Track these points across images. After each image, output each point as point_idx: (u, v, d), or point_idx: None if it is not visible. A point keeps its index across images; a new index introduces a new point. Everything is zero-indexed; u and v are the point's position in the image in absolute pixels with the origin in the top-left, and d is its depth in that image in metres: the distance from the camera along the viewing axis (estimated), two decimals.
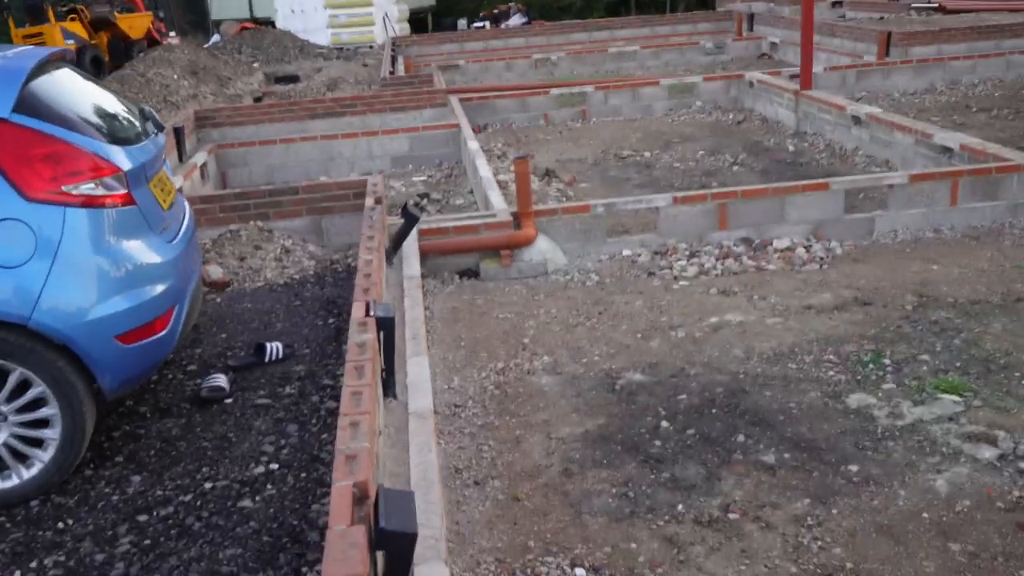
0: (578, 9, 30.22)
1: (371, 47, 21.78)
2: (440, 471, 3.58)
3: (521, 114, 12.73)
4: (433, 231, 6.47)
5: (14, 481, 3.48)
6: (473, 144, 9.28)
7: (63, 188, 3.39)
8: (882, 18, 18.99)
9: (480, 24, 25.34)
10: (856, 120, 9.58)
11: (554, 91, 12.86)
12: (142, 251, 3.65)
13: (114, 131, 3.76)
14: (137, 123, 4.08)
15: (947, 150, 7.87)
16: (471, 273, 6.59)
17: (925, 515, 3.53)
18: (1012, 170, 6.93)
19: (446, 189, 9.48)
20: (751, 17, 19.64)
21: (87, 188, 3.44)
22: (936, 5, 19.13)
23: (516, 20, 25.69)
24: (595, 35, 20.40)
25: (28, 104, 3.48)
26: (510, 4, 27.79)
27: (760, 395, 4.54)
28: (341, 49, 21.05)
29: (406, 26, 23.85)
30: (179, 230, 4.16)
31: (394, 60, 17.97)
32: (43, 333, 3.35)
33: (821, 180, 7.01)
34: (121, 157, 3.62)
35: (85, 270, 3.43)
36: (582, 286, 6.28)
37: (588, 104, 12.70)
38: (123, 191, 3.56)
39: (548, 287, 6.29)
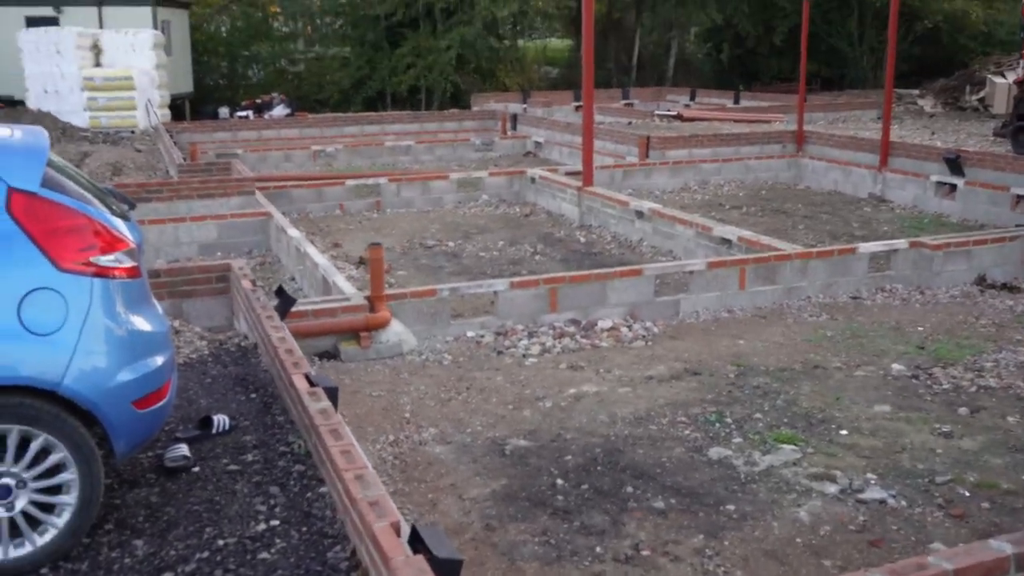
0: (335, 103, 30.87)
1: (132, 132, 21.24)
2: None
3: (317, 204, 13.05)
4: (293, 314, 6.72)
5: (27, 549, 3.49)
6: (294, 232, 9.54)
7: (91, 259, 3.55)
8: (630, 123, 21.07)
9: (243, 113, 25.30)
10: (639, 214, 10.77)
11: (349, 182, 13.32)
12: (149, 320, 3.85)
13: (110, 206, 3.93)
14: (117, 200, 4.25)
15: (726, 241, 9.11)
16: (329, 355, 6.87)
17: (798, 540, 4.30)
18: (786, 259, 8.20)
19: (263, 277, 9.62)
20: (514, 117, 21.11)
21: (108, 260, 3.62)
22: (676, 113, 21.50)
23: (280, 111, 25.89)
24: (367, 128, 21.09)
25: (50, 179, 3.65)
26: (272, 95, 27.99)
27: (634, 453, 5.21)
28: (108, 133, 20.38)
29: (167, 112, 23.44)
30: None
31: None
32: (71, 399, 3.48)
33: (635, 267, 7.94)
34: (126, 231, 3.81)
35: (109, 338, 3.60)
36: (440, 364, 6.75)
37: (382, 195, 13.25)
38: (134, 263, 3.75)
39: (408, 366, 6.71)
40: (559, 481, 4.89)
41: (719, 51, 37.28)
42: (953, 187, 12.38)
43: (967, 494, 4.69)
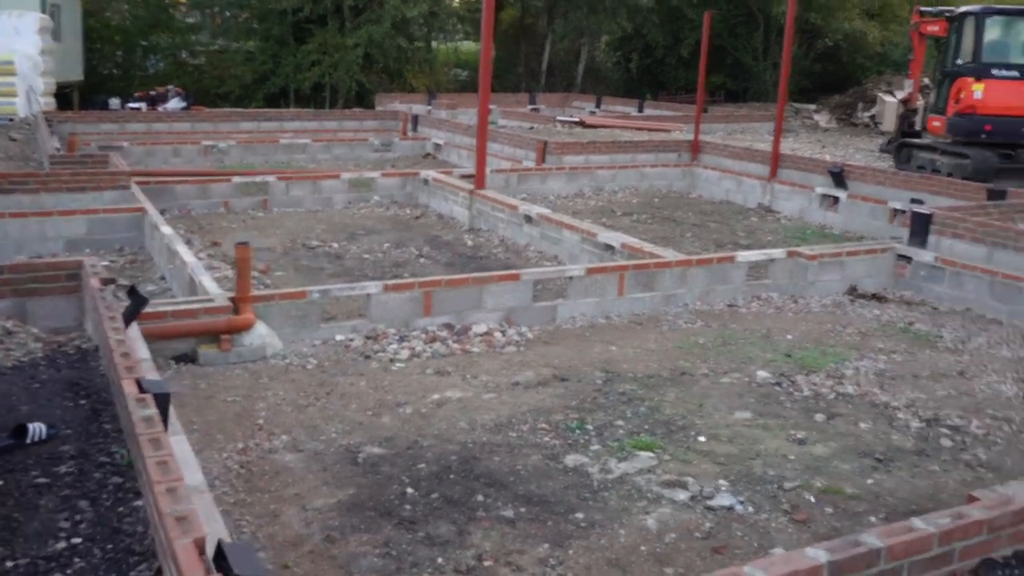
0: (236, 97, 30.21)
1: (11, 120, 20.35)
2: None
3: (201, 201, 12.66)
4: (150, 315, 6.42)
5: None
6: (166, 229, 9.20)
7: None
8: (532, 128, 21.09)
9: (136, 105, 24.50)
10: (528, 219, 10.71)
11: (236, 179, 12.96)
12: None
13: None
14: None
15: (610, 248, 9.11)
16: (187, 359, 6.60)
17: (643, 548, 4.24)
18: (665, 266, 8.22)
19: (132, 275, 9.26)
20: (415, 118, 20.92)
21: None
22: (578, 120, 21.60)
23: (175, 103, 25.17)
24: (264, 125, 20.63)
25: None
26: (168, 87, 27.20)
27: (490, 460, 5.10)
28: None
29: (52, 100, 22.51)
30: None
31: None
32: None
33: (513, 272, 7.86)
34: None
35: None
36: (303, 369, 6.55)
37: (270, 194, 12.92)
38: None
39: (270, 371, 6.49)
40: (409, 490, 4.75)
41: (628, 60, 37.79)
42: (836, 199, 12.66)
43: (813, 500, 4.71)
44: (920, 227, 9.30)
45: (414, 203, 13.56)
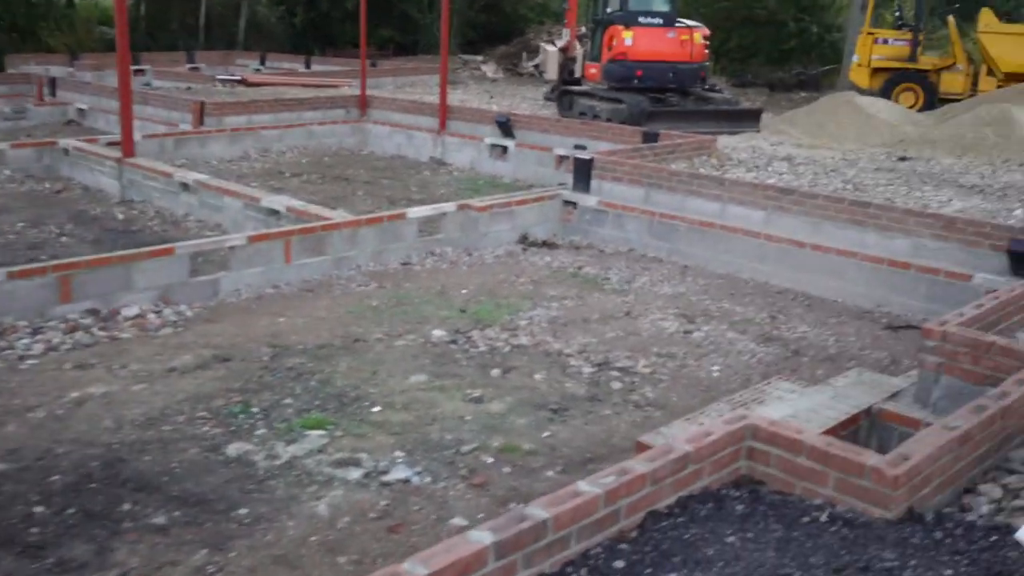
0: None
1: None
2: None
3: None
4: None
5: None
6: None
7: None
8: (189, 88, 19.70)
9: None
10: (185, 186, 9.87)
11: None
12: None
13: None
14: None
15: (275, 212, 8.56)
16: None
17: (313, 538, 3.90)
18: (334, 228, 7.82)
19: None
20: (52, 81, 18.83)
21: None
22: (240, 78, 20.45)
23: None
24: None
25: None
26: None
27: (140, 461, 4.52)
28: None
29: None
30: None
31: None
32: None
33: (167, 246, 7.13)
34: None
35: None
36: None
37: None
38: None
39: None
40: (39, 509, 4.08)
41: (293, 15, 36.43)
42: (505, 149, 12.83)
43: (491, 460, 4.58)
44: (582, 172, 9.56)
45: (55, 176, 12.13)
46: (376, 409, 5.12)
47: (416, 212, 8.51)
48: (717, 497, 3.15)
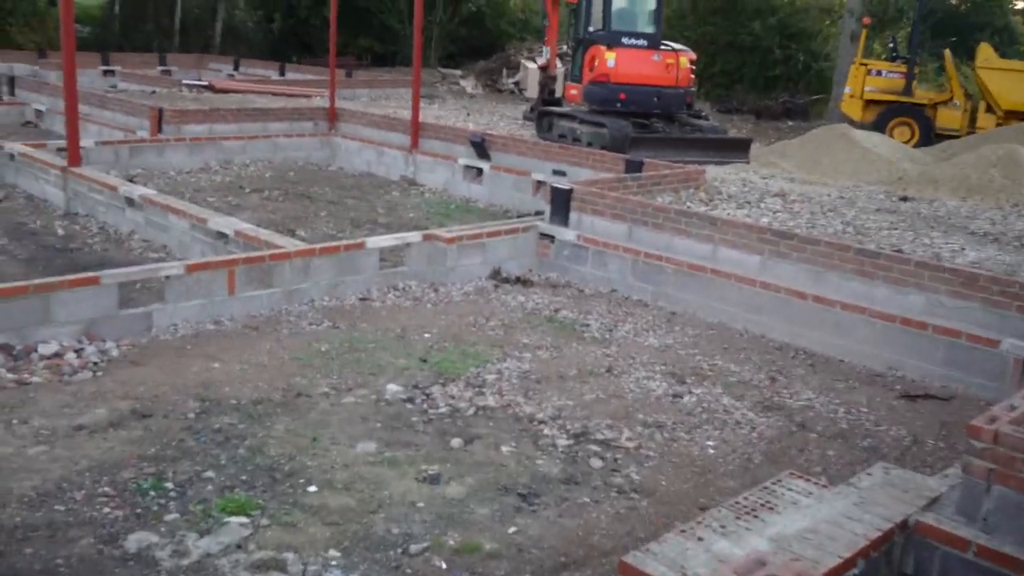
0: None
1: None
2: None
3: None
4: None
5: None
6: None
7: None
8: (154, 92, 18.85)
9: None
10: (130, 202, 9.08)
11: None
12: None
13: None
14: None
15: (223, 236, 7.78)
16: None
17: None
18: (284, 257, 7.05)
19: None
20: (11, 80, 17.94)
21: None
22: (207, 84, 19.61)
23: None
24: None
25: None
26: None
27: (19, 554, 3.72)
28: None
29: None
30: None
31: None
32: None
33: (91, 274, 6.31)
34: None
35: None
36: None
37: None
38: None
39: None
40: None
41: (271, 20, 35.66)
42: (480, 171, 12.10)
43: (444, 566, 3.81)
44: (560, 204, 8.81)
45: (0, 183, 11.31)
46: (312, 489, 4.34)
47: (376, 242, 7.72)
48: None
